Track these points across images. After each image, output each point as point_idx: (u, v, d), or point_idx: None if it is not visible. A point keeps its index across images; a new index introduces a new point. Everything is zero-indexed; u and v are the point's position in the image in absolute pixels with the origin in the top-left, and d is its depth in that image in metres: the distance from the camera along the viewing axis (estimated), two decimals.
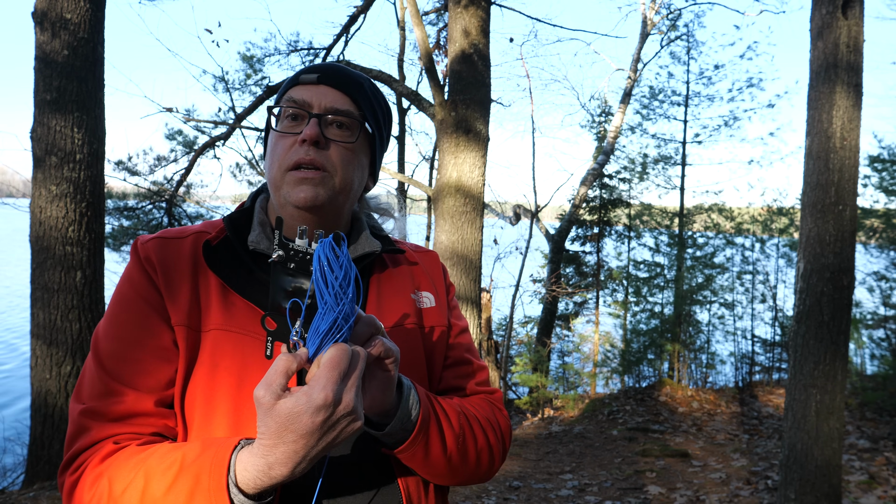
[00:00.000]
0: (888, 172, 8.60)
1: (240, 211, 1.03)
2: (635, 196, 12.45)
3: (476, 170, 6.12)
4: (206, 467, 0.74)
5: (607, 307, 12.07)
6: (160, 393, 0.88)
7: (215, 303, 0.92)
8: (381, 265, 1.07)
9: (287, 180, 0.94)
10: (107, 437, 0.85)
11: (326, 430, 0.69)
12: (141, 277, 0.93)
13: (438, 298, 1.11)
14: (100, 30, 4.83)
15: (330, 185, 0.95)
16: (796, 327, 3.46)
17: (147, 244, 0.95)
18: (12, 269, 22.46)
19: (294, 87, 0.99)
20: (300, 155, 0.93)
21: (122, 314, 0.91)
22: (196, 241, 0.97)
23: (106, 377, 0.87)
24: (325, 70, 0.99)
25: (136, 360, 0.88)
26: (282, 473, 0.70)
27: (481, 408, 1.06)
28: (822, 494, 3.32)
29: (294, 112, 0.97)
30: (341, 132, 0.97)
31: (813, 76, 3.47)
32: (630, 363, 9.89)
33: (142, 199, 7.98)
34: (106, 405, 0.86)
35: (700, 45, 12.24)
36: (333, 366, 0.68)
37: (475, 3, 6.06)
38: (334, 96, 0.97)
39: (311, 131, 0.93)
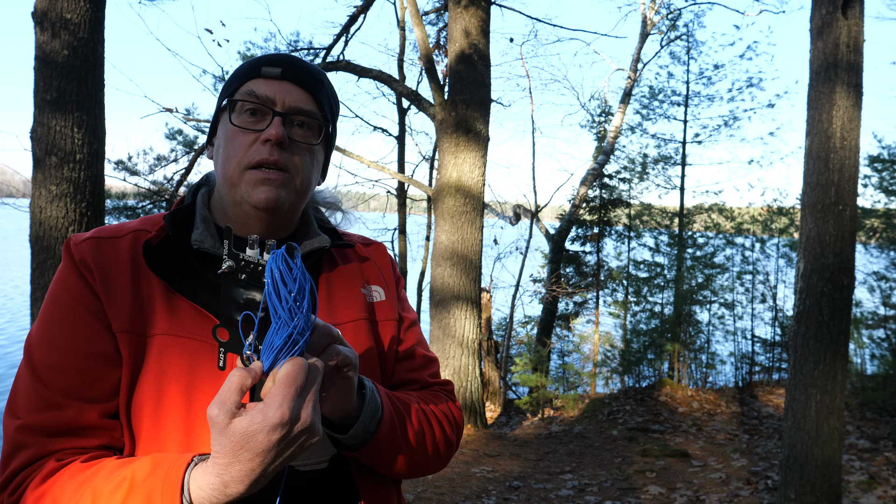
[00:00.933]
0: (888, 172, 8.60)
1: (180, 208, 0.97)
2: (635, 196, 12.46)
3: (476, 170, 6.12)
4: (157, 487, 0.70)
5: (607, 307, 12.07)
6: (104, 403, 0.83)
7: (160, 306, 0.87)
8: (331, 260, 1.04)
9: (246, 179, 0.90)
10: (48, 453, 0.79)
11: (283, 447, 0.67)
12: (76, 281, 0.87)
13: (388, 292, 1.09)
14: (100, 30, 4.83)
15: (291, 187, 0.92)
16: (796, 327, 3.46)
17: (81, 245, 0.89)
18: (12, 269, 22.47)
19: (255, 80, 0.93)
20: (263, 155, 0.89)
21: (57, 321, 0.85)
22: (135, 241, 0.91)
23: (43, 389, 0.82)
24: (287, 64, 0.94)
25: (76, 369, 0.83)
26: (238, 491, 0.68)
27: (436, 400, 1.06)
28: (822, 494, 3.32)
29: (255, 107, 0.92)
30: (303, 132, 0.94)
31: (813, 76, 3.47)
32: (630, 363, 9.89)
33: (142, 198, 7.98)
34: (45, 419, 0.80)
35: (700, 45, 12.26)
36: (289, 382, 0.66)
37: (475, 3, 6.06)
38: (298, 94, 0.93)
39: (277, 132, 0.89)
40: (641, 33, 12.10)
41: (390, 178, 11.58)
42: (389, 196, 12.59)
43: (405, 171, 12.33)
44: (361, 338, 1.00)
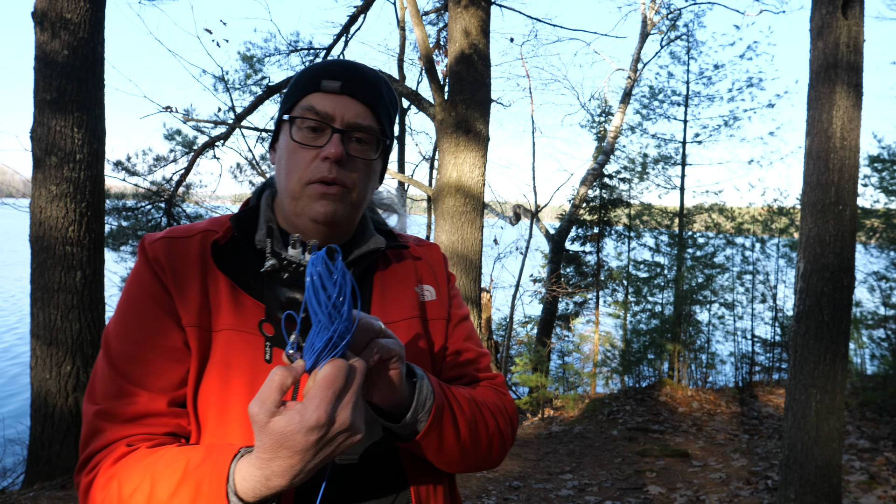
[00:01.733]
0: (888, 172, 8.60)
1: (245, 209, 1.02)
2: (635, 196, 12.46)
3: (476, 170, 6.12)
4: (206, 475, 0.75)
5: (607, 307, 12.07)
6: (172, 393, 0.89)
7: (225, 303, 0.92)
8: (385, 261, 1.08)
9: (307, 193, 0.94)
10: (120, 438, 0.85)
11: (322, 446, 0.69)
12: (150, 278, 0.93)
13: (439, 290, 1.12)
14: (100, 30, 4.83)
15: (348, 201, 0.95)
16: (796, 327, 3.46)
17: (155, 244, 0.95)
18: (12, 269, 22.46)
19: (315, 94, 0.95)
20: (323, 172, 0.92)
21: (132, 315, 0.91)
22: (203, 241, 0.97)
23: (118, 378, 0.88)
24: (347, 77, 0.96)
25: (148, 361, 0.89)
26: (279, 484, 0.71)
27: (488, 394, 1.07)
28: (822, 494, 3.32)
29: (315, 124, 0.94)
30: (361, 148, 0.96)
31: (813, 76, 3.47)
32: (630, 363, 9.89)
33: (141, 199, 7.98)
34: (119, 406, 0.87)
35: (700, 45, 12.26)
36: (328, 385, 0.68)
37: (475, 3, 6.06)
38: (357, 110, 0.95)
39: (336, 150, 0.92)
40: (641, 33, 12.10)
41: (390, 178, 11.57)
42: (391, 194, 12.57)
43: (405, 171, 12.33)
44: (413, 335, 1.03)
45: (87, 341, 4.69)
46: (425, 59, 6.21)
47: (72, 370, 4.60)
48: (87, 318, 4.70)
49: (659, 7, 12.02)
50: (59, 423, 4.57)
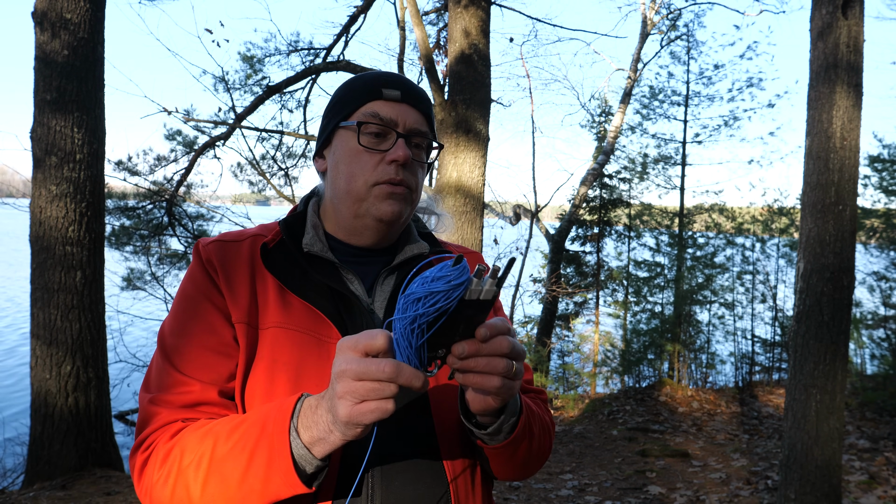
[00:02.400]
0: (888, 172, 8.60)
1: (293, 215, 1.08)
2: (635, 196, 12.45)
3: (476, 170, 6.12)
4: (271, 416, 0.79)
5: (607, 307, 12.07)
6: (223, 385, 0.93)
7: (273, 302, 0.97)
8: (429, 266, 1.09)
9: (374, 193, 0.99)
10: (175, 420, 0.90)
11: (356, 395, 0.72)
12: (203, 277, 0.98)
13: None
14: (100, 30, 4.83)
15: (410, 201, 1.02)
16: (796, 327, 3.46)
17: (208, 246, 1.01)
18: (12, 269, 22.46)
19: (377, 102, 1.01)
20: (391, 175, 0.98)
21: (186, 312, 0.96)
22: (253, 244, 1.02)
23: (172, 370, 0.92)
24: (404, 88, 1.03)
25: (200, 354, 0.93)
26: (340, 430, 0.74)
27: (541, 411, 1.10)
28: (822, 494, 3.32)
29: (379, 130, 1.00)
30: (418, 152, 1.04)
31: (813, 76, 3.47)
32: (630, 363, 9.88)
33: (142, 198, 7.98)
34: (173, 395, 0.91)
35: (700, 45, 12.26)
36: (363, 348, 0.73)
37: (475, 3, 6.06)
38: (415, 117, 1.02)
39: (405, 153, 0.98)
40: (641, 33, 12.09)
41: None
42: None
43: None
44: None
45: (86, 341, 4.69)
46: (425, 59, 6.22)
47: (72, 370, 4.60)
48: (87, 318, 4.70)
49: (659, 7, 12.02)
50: (59, 423, 4.57)
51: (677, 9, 12.31)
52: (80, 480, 4.40)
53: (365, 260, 1.06)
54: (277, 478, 0.78)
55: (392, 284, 1.04)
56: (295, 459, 0.77)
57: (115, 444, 5.01)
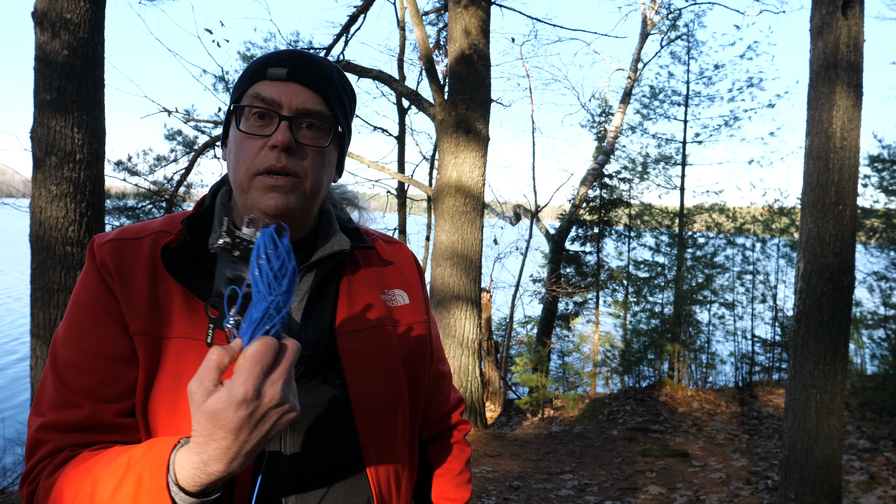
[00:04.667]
0: (888, 172, 8.60)
1: (199, 210, 0.96)
2: (635, 196, 12.45)
3: (476, 170, 6.12)
4: (147, 468, 0.72)
5: (607, 307, 12.07)
6: (120, 403, 0.85)
7: (177, 310, 0.88)
8: (353, 263, 1.03)
9: (255, 185, 0.89)
10: (64, 447, 0.83)
11: (255, 424, 0.66)
12: (96, 282, 0.89)
13: (412, 294, 1.08)
14: (100, 30, 4.83)
15: (300, 192, 0.91)
16: (796, 327, 3.46)
17: (103, 247, 0.90)
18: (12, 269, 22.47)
19: (261, 82, 0.91)
20: (271, 161, 0.88)
21: (78, 322, 0.88)
22: (154, 243, 0.92)
23: (62, 388, 0.85)
24: (293, 64, 0.92)
25: (94, 370, 0.85)
26: (218, 470, 0.68)
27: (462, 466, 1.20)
28: (822, 494, 3.32)
29: (261, 111, 0.90)
30: (312, 134, 0.92)
31: (813, 76, 3.47)
32: (630, 363, 9.89)
33: (142, 198, 7.98)
34: (63, 417, 0.83)
35: (700, 45, 12.24)
36: (256, 360, 0.66)
37: (475, 3, 6.05)
38: (305, 96, 0.91)
39: (284, 137, 0.88)
40: (641, 33, 12.09)
41: (390, 178, 11.59)
42: (389, 196, 12.60)
43: (405, 171, 12.33)
44: (382, 344, 0.99)
45: None
46: (425, 59, 6.21)
47: None
48: None
49: (659, 7, 12.02)
50: None
51: (677, 9, 12.31)
52: None
53: None
54: None
55: (309, 283, 0.96)
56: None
57: None
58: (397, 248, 1.13)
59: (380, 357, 0.98)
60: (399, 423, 1.00)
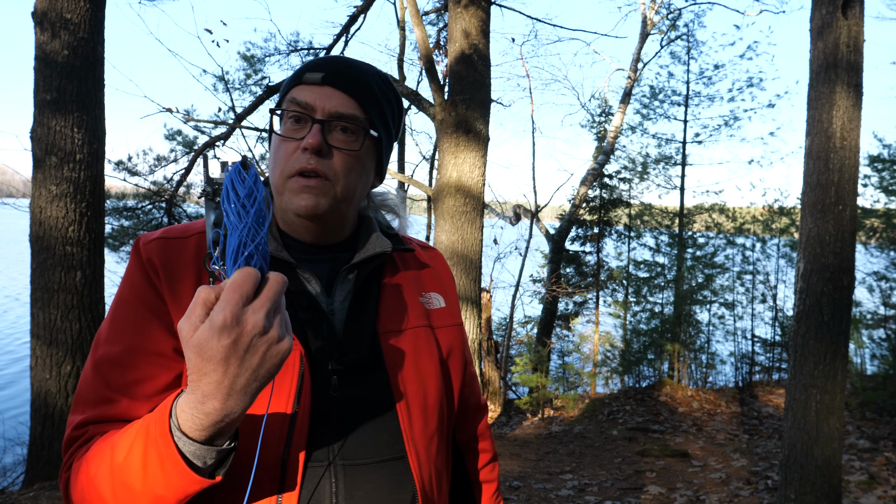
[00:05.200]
0: (888, 172, 8.60)
1: None
2: (635, 196, 12.46)
3: (476, 170, 6.12)
4: (153, 418, 0.73)
5: (607, 307, 12.07)
6: (157, 399, 0.87)
7: None
8: (392, 265, 1.06)
9: (289, 187, 0.92)
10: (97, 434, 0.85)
11: (242, 354, 0.66)
12: (141, 280, 0.91)
13: (448, 297, 1.11)
14: (100, 30, 4.83)
15: (331, 194, 0.93)
16: (796, 327, 3.46)
17: (149, 244, 0.93)
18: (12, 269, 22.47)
19: (297, 87, 0.95)
20: (302, 163, 0.91)
21: (121, 318, 0.90)
22: (200, 242, 0.94)
23: (100, 384, 0.86)
24: (329, 69, 0.95)
25: (133, 366, 0.87)
26: (215, 408, 0.67)
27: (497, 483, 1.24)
28: (822, 494, 3.32)
29: (296, 115, 0.94)
30: (345, 137, 0.94)
31: (813, 76, 3.47)
32: (630, 363, 9.89)
33: (142, 199, 7.98)
34: (98, 412, 0.85)
35: (700, 45, 12.24)
36: (234, 288, 0.65)
37: (475, 4, 6.05)
38: (339, 100, 0.94)
39: (314, 140, 0.90)
40: (641, 33, 12.09)
41: (390, 178, 11.58)
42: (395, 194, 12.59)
43: (405, 171, 12.34)
44: (422, 345, 1.01)
45: (87, 341, 4.69)
46: (425, 59, 6.22)
47: (72, 370, 4.61)
48: (87, 318, 4.70)
49: (659, 7, 12.02)
50: (59, 423, 4.57)
51: (677, 9, 12.32)
52: None
53: (322, 257, 0.99)
54: (176, 478, 0.72)
55: (352, 283, 0.98)
56: (186, 456, 0.71)
57: None
58: (433, 253, 1.17)
59: (421, 357, 1.00)
60: (440, 422, 1.01)
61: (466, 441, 1.22)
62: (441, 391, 1.02)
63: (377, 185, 1.08)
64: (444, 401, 1.03)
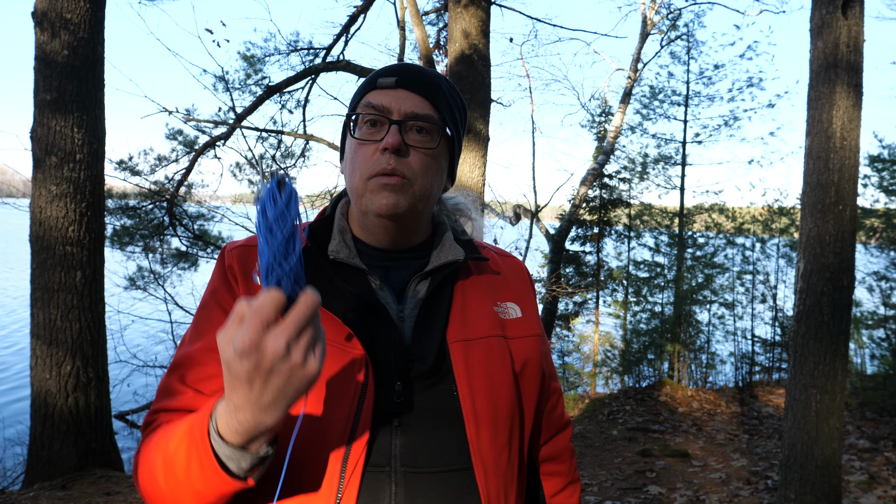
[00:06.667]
0: (888, 172, 8.60)
1: (320, 219, 1.03)
2: (635, 196, 12.45)
3: (476, 170, 6.12)
4: (197, 417, 0.77)
5: (607, 307, 12.07)
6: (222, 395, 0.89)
7: None
8: (466, 273, 1.04)
9: (370, 187, 0.93)
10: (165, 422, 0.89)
11: (265, 375, 0.67)
12: (221, 285, 0.95)
13: (525, 307, 1.08)
14: (100, 30, 4.83)
15: (410, 193, 0.94)
16: (796, 327, 3.46)
17: (233, 252, 0.97)
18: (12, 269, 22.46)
19: (372, 92, 0.97)
20: (382, 165, 0.92)
21: (201, 320, 0.95)
22: None
23: (173, 378, 0.91)
24: (402, 73, 0.97)
25: (202, 362, 0.91)
26: (247, 419, 0.70)
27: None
28: (822, 494, 3.32)
29: (373, 118, 0.95)
30: (421, 137, 0.96)
31: (813, 76, 3.47)
32: (630, 363, 9.89)
33: (142, 198, 7.98)
34: (167, 403, 0.90)
35: (700, 45, 12.24)
36: (255, 313, 0.66)
37: (475, 4, 6.06)
38: (414, 101, 0.96)
39: (393, 139, 0.91)
40: (641, 33, 12.09)
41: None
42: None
43: None
44: (493, 355, 0.98)
45: (87, 341, 4.69)
46: (425, 59, 6.22)
47: (72, 370, 4.60)
48: (87, 318, 4.70)
49: (659, 7, 12.02)
50: (59, 423, 4.57)
51: (677, 9, 12.31)
52: (80, 480, 4.40)
53: (396, 264, 0.99)
54: (212, 478, 0.75)
55: (424, 291, 0.97)
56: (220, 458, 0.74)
57: (115, 444, 5.01)
58: (511, 261, 1.14)
59: (492, 367, 0.97)
60: (510, 435, 0.98)
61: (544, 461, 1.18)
62: (513, 403, 0.99)
63: (448, 187, 1.08)
64: (516, 413, 1.00)
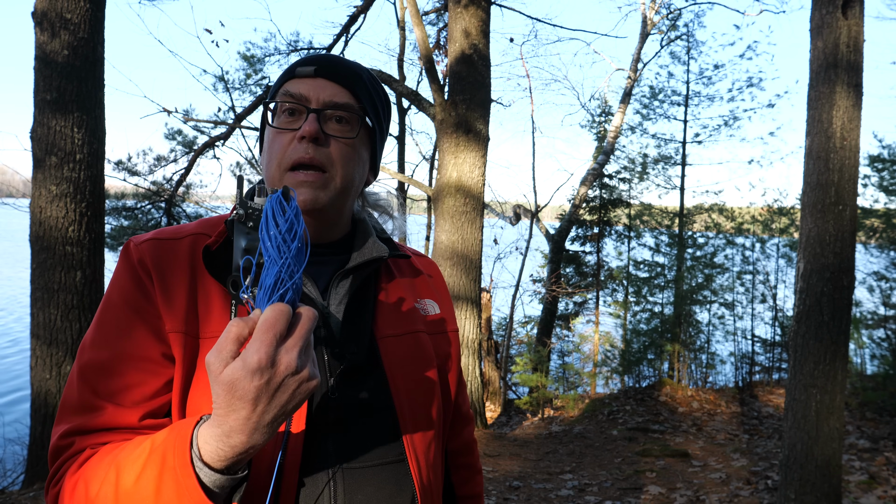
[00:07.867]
0: (888, 172, 8.60)
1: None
2: (635, 196, 12.45)
3: (476, 170, 6.12)
4: (170, 446, 0.71)
5: (607, 307, 12.07)
6: (146, 406, 0.84)
7: (216, 310, 0.88)
8: (388, 271, 1.05)
9: (286, 181, 0.91)
10: (86, 447, 0.82)
11: (273, 393, 0.65)
12: (130, 283, 0.88)
13: (442, 305, 1.12)
14: (100, 30, 4.83)
15: (331, 187, 0.92)
16: (796, 327, 3.46)
17: (141, 246, 0.90)
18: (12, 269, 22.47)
19: (290, 81, 0.95)
20: (300, 153, 0.90)
21: (107, 322, 0.87)
22: (194, 244, 0.92)
23: (86, 391, 0.84)
24: (321, 62, 0.96)
25: (120, 372, 0.84)
26: (241, 441, 0.67)
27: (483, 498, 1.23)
28: (822, 494, 3.32)
29: (291, 107, 0.93)
30: (341, 127, 0.94)
31: (813, 76, 3.47)
32: (630, 363, 9.89)
33: (141, 199, 7.99)
34: (85, 421, 0.83)
35: (700, 45, 12.25)
36: (268, 327, 0.65)
37: (475, 4, 6.05)
38: (333, 90, 0.94)
39: (311, 127, 0.90)
40: (641, 33, 12.09)
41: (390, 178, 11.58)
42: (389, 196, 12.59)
43: (405, 171, 12.34)
44: (419, 350, 1.01)
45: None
46: (425, 59, 6.22)
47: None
48: (87, 318, 4.70)
49: (659, 7, 12.02)
50: None
51: (677, 9, 12.32)
52: None
53: (318, 259, 0.96)
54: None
55: (347, 287, 0.96)
56: (207, 486, 0.70)
57: None
58: (427, 261, 1.17)
59: (418, 362, 0.99)
60: (437, 426, 1.01)
61: (454, 453, 1.21)
62: (438, 396, 1.02)
63: (371, 181, 1.07)
64: (440, 406, 1.03)
